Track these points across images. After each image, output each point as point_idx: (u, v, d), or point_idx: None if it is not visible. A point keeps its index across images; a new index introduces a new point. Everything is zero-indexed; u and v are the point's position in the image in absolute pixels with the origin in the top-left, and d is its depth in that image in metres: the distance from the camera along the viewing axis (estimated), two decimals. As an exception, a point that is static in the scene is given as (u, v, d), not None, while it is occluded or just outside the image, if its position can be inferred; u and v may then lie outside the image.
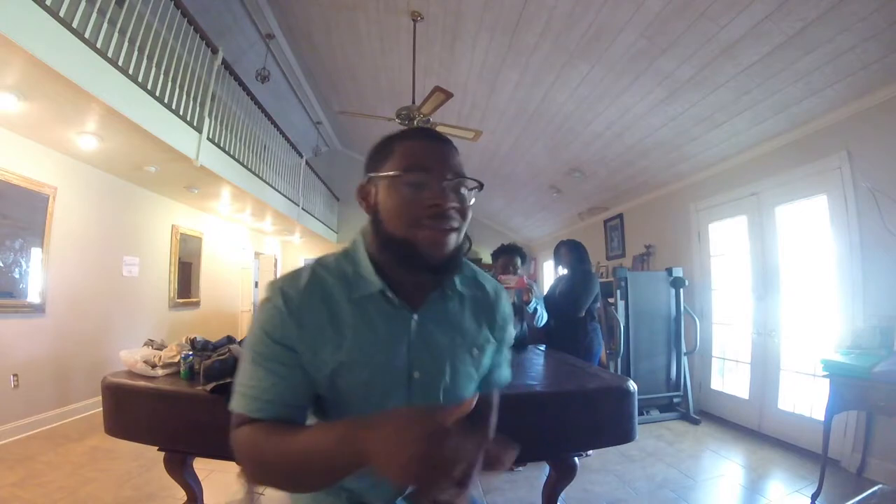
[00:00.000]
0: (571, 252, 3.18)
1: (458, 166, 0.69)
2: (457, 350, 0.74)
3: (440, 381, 0.72)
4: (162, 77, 3.09)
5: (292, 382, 0.65)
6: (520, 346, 2.78)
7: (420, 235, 0.64)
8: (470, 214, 0.70)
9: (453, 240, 0.67)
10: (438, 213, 0.64)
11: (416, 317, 0.71)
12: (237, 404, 0.66)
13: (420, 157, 0.66)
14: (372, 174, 0.70)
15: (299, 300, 0.66)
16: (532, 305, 2.63)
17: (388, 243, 0.67)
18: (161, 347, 1.87)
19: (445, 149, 0.69)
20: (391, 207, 0.66)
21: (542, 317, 2.74)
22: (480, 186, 0.70)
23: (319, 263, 0.72)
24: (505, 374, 0.88)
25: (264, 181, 5.06)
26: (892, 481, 2.24)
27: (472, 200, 0.70)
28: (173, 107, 3.18)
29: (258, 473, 0.64)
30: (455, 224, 0.66)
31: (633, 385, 1.54)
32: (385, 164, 0.68)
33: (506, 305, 0.84)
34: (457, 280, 0.75)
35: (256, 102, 4.81)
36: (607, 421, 1.50)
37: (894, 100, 2.45)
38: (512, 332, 0.87)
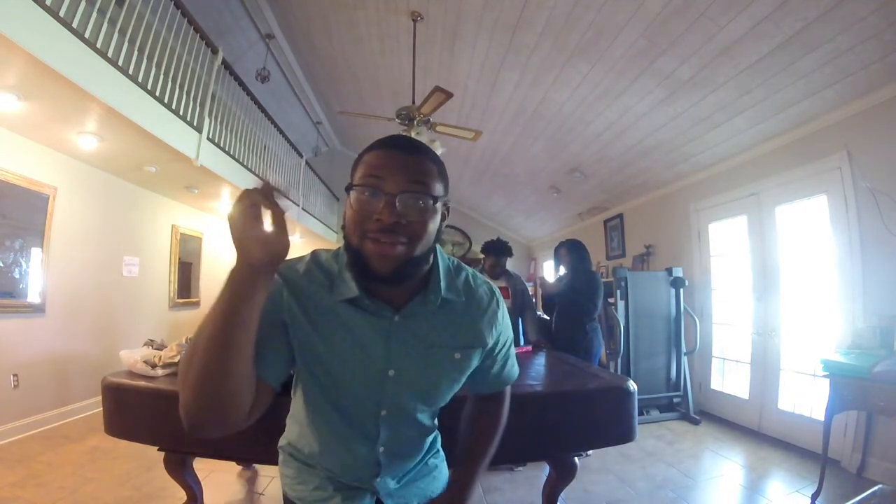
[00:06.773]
0: (571, 252, 3.19)
1: (421, 176, 0.67)
2: (436, 352, 0.75)
3: (416, 380, 0.75)
4: (162, 77, 3.09)
5: (284, 357, 0.71)
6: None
7: (366, 248, 0.66)
8: (428, 227, 0.67)
9: (401, 253, 0.65)
10: (382, 228, 0.64)
11: (396, 318, 0.72)
12: None
13: (375, 168, 0.66)
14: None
15: (295, 283, 0.72)
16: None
17: (347, 251, 0.70)
18: (161, 347, 1.87)
19: (406, 159, 0.67)
20: (348, 218, 0.68)
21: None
22: (435, 201, 0.67)
23: (314, 258, 0.76)
24: (510, 372, 0.90)
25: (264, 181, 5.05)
26: (892, 481, 2.24)
27: (433, 213, 0.68)
28: (173, 107, 3.18)
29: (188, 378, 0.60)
30: (401, 239, 0.65)
31: (632, 385, 1.54)
32: (355, 175, 0.69)
33: (499, 311, 0.83)
34: (442, 285, 0.74)
35: (256, 102, 4.80)
36: (607, 421, 1.50)
37: (894, 100, 2.45)
38: (510, 334, 0.87)
